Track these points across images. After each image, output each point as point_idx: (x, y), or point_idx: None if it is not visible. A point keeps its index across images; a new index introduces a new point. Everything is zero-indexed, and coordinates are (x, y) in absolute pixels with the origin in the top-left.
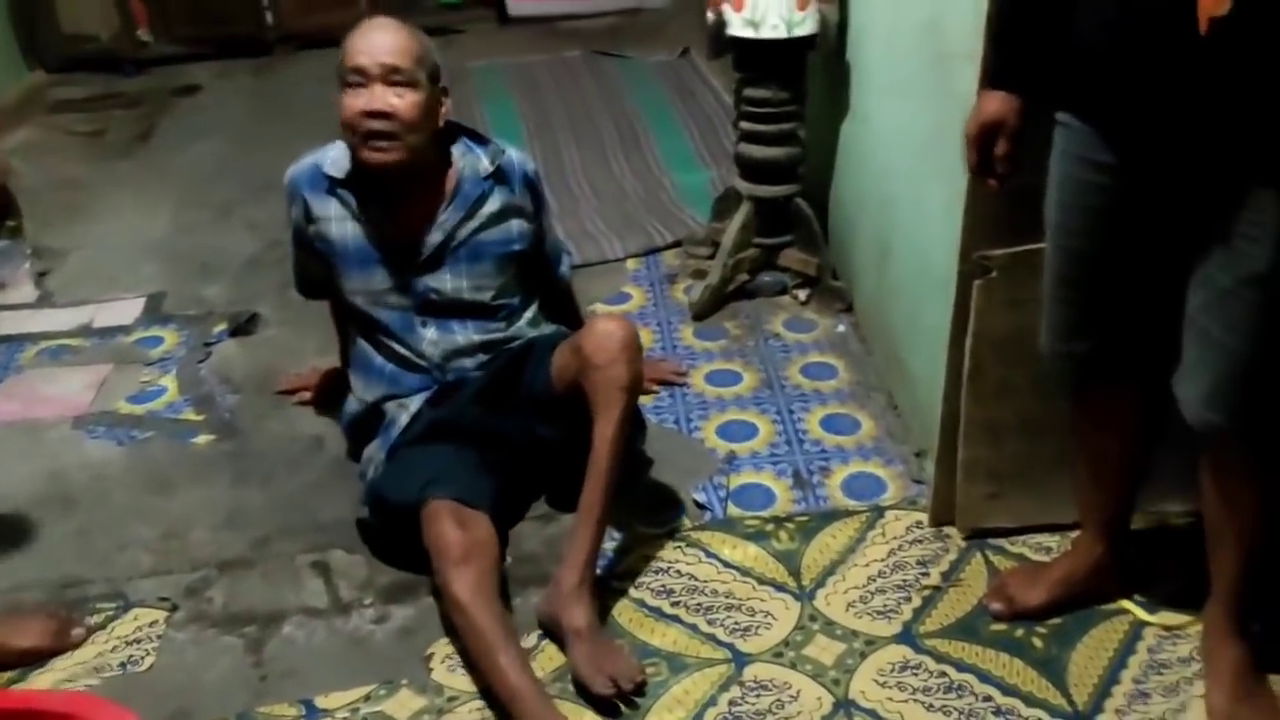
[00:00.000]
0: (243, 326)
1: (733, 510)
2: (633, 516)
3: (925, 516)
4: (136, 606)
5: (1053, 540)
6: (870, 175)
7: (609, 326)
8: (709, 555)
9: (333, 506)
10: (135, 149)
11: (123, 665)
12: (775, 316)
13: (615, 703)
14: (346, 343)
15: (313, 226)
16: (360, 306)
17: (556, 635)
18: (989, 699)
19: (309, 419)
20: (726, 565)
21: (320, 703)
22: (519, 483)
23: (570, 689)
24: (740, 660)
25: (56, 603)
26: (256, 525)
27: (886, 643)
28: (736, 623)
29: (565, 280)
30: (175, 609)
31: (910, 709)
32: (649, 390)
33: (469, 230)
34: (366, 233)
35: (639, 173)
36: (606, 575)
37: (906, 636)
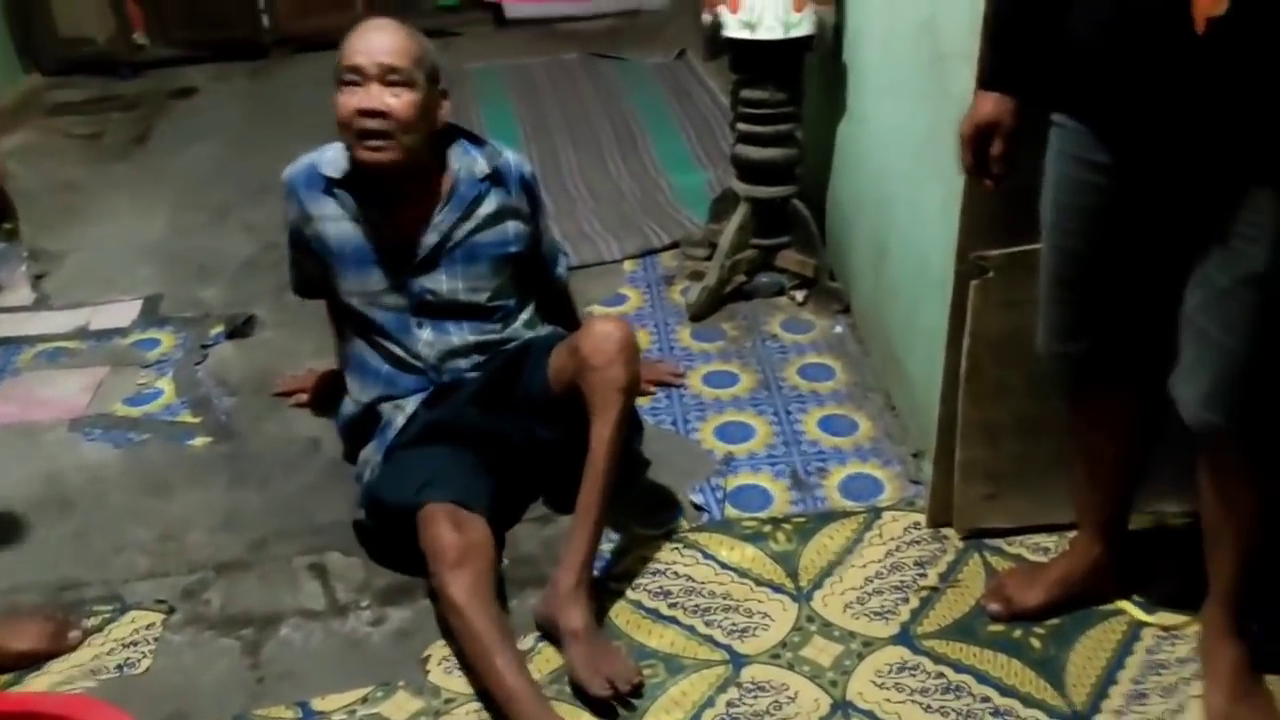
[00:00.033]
0: (239, 329)
1: (730, 511)
2: (630, 518)
3: (923, 517)
4: (133, 609)
5: (1050, 541)
6: (867, 176)
7: (606, 328)
8: (706, 556)
9: (330, 509)
10: (132, 152)
11: (119, 668)
12: (772, 317)
13: (612, 704)
14: (343, 344)
15: (309, 226)
16: (356, 307)
17: (554, 637)
18: (987, 699)
19: (306, 421)
20: (724, 566)
21: (317, 705)
22: (516, 484)
23: (567, 690)
24: (738, 661)
25: (53, 605)
26: (253, 527)
27: (884, 644)
28: (734, 624)
29: (562, 282)
30: (172, 611)
31: (908, 710)
32: (646, 391)
33: (465, 231)
34: (363, 233)
35: (636, 174)
36: (604, 576)
37: (904, 637)
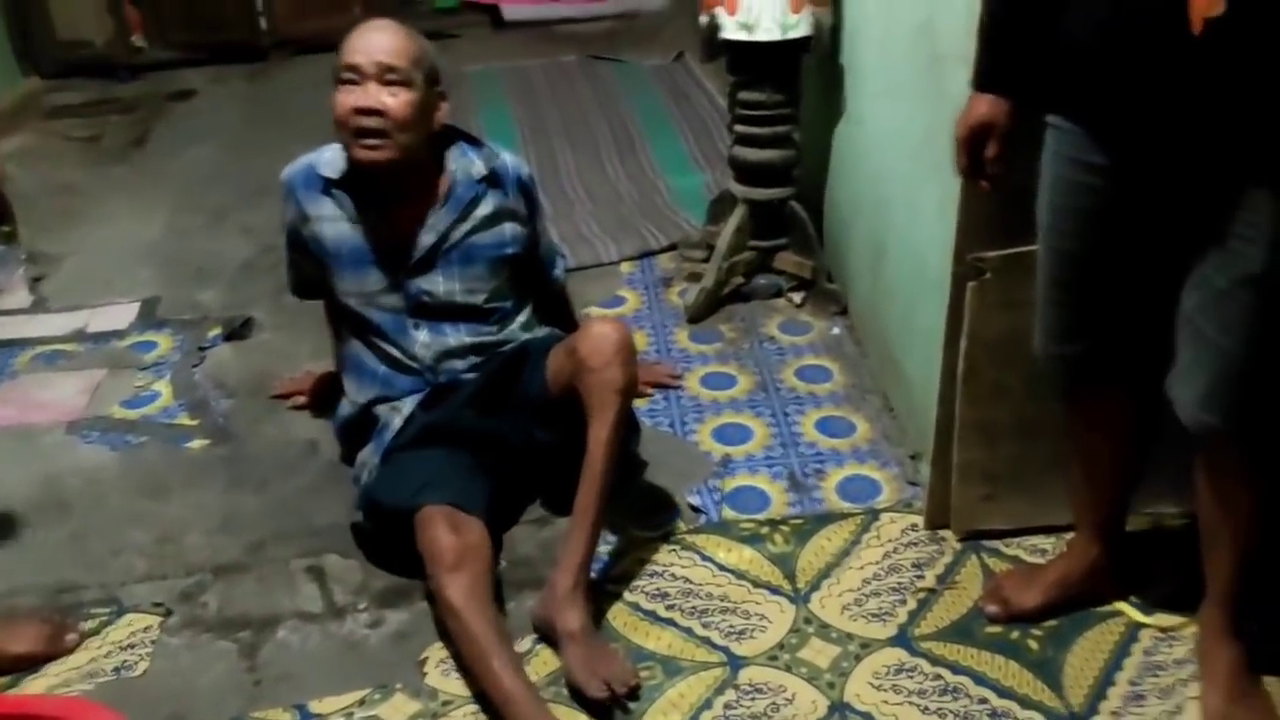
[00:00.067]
0: (237, 331)
1: (727, 513)
2: (627, 520)
3: (920, 519)
4: (130, 611)
5: (1048, 542)
6: (865, 177)
7: (603, 329)
8: (704, 558)
9: (327, 511)
10: (130, 154)
11: (117, 670)
12: (770, 319)
13: (610, 706)
14: (340, 345)
15: (307, 227)
16: (353, 307)
17: (551, 639)
18: (984, 701)
19: (304, 423)
20: (721, 568)
21: (314, 707)
22: (513, 486)
23: (565, 693)
24: (735, 663)
25: (50, 608)
26: (251, 530)
27: (882, 645)
28: (731, 626)
29: (560, 283)
30: (169, 614)
31: (906, 712)
32: (643, 393)
33: (461, 233)
34: (360, 234)
35: (634, 176)
36: (601, 579)
37: (902, 639)
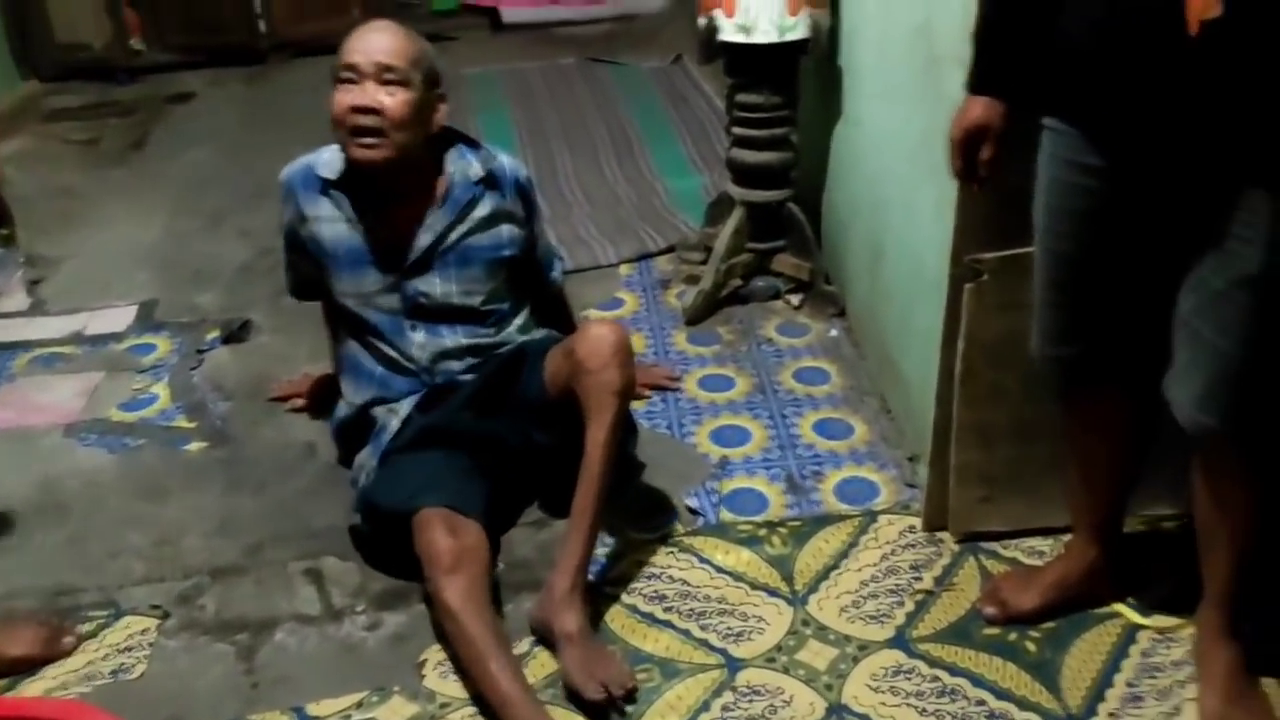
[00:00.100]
0: (235, 334)
1: (725, 515)
2: (625, 522)
3: (918, 521)
4: (128, 614)
5: (1046, 544)
6: (862, 179)
7: (601, 331)
8: (701, 560)
9: (325, 513)
10: (129, 157)
11: (114, 673)
12: (768, 321)
13: (607, 709)
14: (338, 346)
15: (305, 227)
16: (351, 308)
17: (548, 641)
18: (982, 703)
19: (301, 426)
20: (719, 570)
21: (312, 710)
22: (511, 488)
23: (562, 695)
24: (733, 666)
25: (48, 610)
26: (249, 532)
27: (879, 647)
28: (729, 628)
29: (557, 285)
30: (167, 616)
31: (903, 714)
32: (641, 395)
33: (459, 234)
34: (358, 234)
35: (632, 178)
36: (599, 581)
37: (899, 641)
